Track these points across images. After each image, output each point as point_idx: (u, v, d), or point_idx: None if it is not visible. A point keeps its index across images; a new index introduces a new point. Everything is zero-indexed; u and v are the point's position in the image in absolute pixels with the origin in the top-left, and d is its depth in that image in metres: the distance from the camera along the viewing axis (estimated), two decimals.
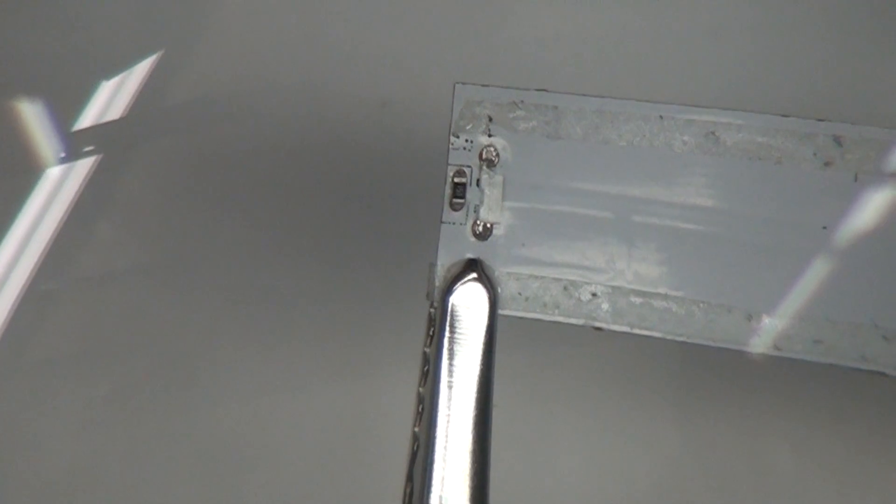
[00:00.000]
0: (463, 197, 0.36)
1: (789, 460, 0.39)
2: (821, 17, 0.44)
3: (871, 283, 0.33)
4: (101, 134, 0.53)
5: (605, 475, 0.40)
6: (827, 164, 0.35)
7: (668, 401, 0.39)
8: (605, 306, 0.35)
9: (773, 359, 0.34)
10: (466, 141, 0.37)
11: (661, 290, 0.35)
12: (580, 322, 0.35)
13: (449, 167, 0.37)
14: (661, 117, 0.36)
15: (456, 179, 0.36)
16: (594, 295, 0.35)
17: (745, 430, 0.40)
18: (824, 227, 0.34)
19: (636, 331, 0.35)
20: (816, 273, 0.34)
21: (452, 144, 0.37)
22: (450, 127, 0.37)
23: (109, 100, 0.54)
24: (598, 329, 0.35)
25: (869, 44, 0.43)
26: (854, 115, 0.35)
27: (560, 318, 0.35)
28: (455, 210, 0.36)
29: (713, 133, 0.35)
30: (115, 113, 0.53)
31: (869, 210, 0.34)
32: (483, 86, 0.37)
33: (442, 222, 0.36)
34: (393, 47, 0.48)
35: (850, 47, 0.43)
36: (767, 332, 0.34)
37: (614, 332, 0.35)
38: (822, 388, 0.37)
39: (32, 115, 0.53)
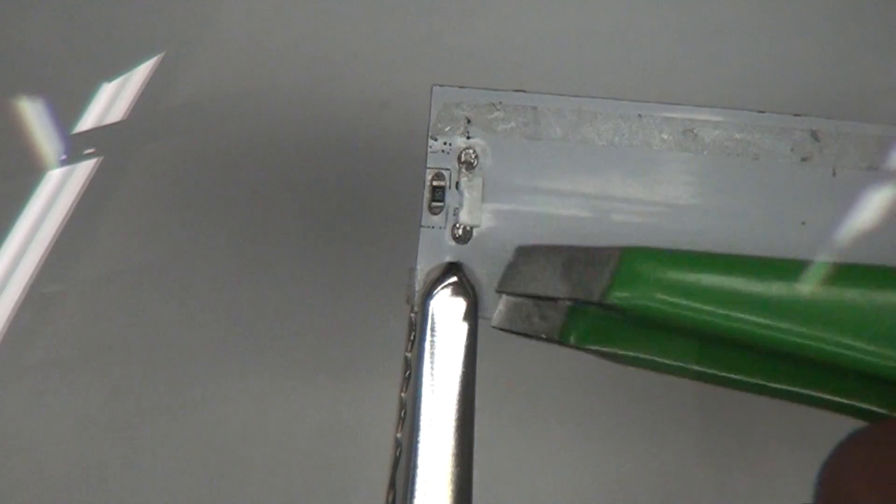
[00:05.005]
0: (442, 200, 0.36)
1: (780, 464, 0.39)
2: (795, 13, 0.44)
3: None
4: (102, 136, 0.53)
5: (589, 479, 0.40)
6: (804, 159, 0.34)
7: (649, 403, 0.39)
8: None
9: None
10: (445, 143, 0.37)
11: None
12: None
13: (427, 170, 0.36)
14: (639, 115, 0.36)
15: (434, 183, 0.36)
16: None
17: (730, 432, 0.39)
18: (803, 223, 0.34)
19: None
20: None
21: (430, 147, 0.37)
22: (427, 129, 0.36)
23: (110, 102, 0.54)
24: None
25: (844, 38, 0.43)
26: (831, 110, 0.35)
27: None
28: (434, 214, 0.36)
29: (691, 130, 0.35)
30: (116, 115, 0.53)
31: (848, 205, 0.34)
32: (460, 87, 0.37)
33: (421, 226, 0.36)
34: (370, 48, 0.48)
35: (826, 42, 0.43)
36: None
37: None
38: None
39: (33, 117, 0.54)
